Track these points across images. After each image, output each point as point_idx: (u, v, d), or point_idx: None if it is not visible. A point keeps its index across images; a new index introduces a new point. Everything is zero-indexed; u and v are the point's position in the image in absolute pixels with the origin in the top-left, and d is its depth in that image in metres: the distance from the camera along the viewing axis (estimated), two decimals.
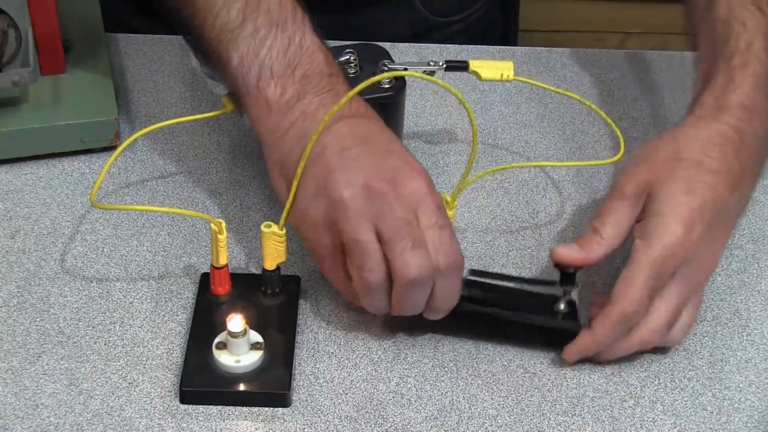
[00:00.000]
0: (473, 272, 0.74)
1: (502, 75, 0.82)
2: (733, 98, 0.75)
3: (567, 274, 0.72)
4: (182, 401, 0.69)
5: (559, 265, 0.72)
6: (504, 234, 0.83)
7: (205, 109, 0.93)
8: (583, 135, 0.93)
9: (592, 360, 0.73)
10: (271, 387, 0.69)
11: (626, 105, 0.96)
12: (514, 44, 1.20)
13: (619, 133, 0.84)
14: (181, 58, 0.99)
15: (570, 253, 0.72)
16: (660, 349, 0.74)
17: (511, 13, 1.21)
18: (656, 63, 1.01)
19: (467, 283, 0.73)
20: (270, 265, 0.74)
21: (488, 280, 0.74)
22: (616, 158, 0.82)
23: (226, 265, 0.74)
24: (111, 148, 0.87)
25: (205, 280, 0.75)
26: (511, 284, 0.75)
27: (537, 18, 1.89)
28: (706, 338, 0.76)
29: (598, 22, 2.01)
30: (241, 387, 0.69)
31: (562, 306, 0.72)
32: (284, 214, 0.72)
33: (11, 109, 0.86)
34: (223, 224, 0.72)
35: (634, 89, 0.98)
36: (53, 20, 0.88)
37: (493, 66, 0.82)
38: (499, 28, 1.19)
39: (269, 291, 0.75)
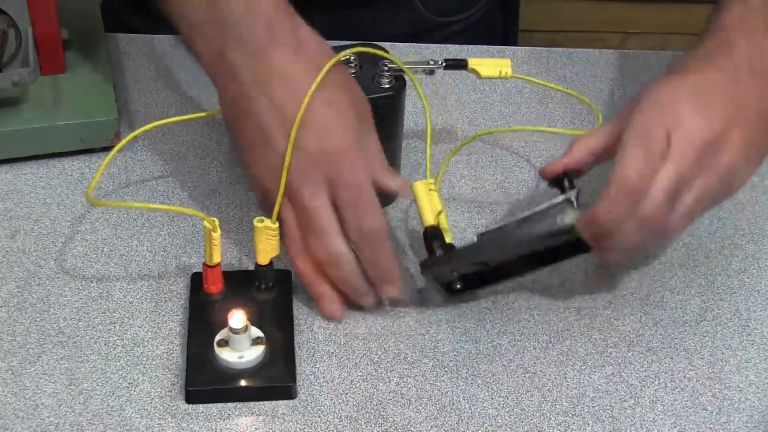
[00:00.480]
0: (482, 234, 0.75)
1: (500, 72, 0.82)
2: (719, 21, 0.76)
3: (561, 182, 0.74)
4: (188, 401, 0.69)
5: (550, 178, 0.75)
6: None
7: (205, 109, 0.93)
8: None
9: (603, 257, 0.74)
10: (276, 380, 0.70)
11: (626, 105, 0.96)
12: (514, 44, 1.20)
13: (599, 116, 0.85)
14: (181, 58, 0.99)
15: (554, 163, 0.74)
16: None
17: (511, 13, 1.21)
18: (656, 63, 1.01)
19: (478, 245, 0.74)
20: (263, 260, 0.74)
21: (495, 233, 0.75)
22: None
23: (219, 264, 0.74)
24: (111, 148, 0.86)
25: (196, 280, 0.75)
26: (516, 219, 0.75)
27: (537, 18, 1.89)
28: (706, 338, 0.76)
29: (598, 22, 2.01)
30: (247, 382, 0.69)
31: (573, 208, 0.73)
32: (276, 207, 0.72)
33: (11, 109, 0.86)
34: (217, 222, 0.72)
35: (634, 89, 0.98)
36: (53, 20, 0.88)
37: (491, 64, 0.82)
38: (500, 28, 1.19)
39: (263, 286, 0.75)
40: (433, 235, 0.74)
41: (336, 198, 0.72)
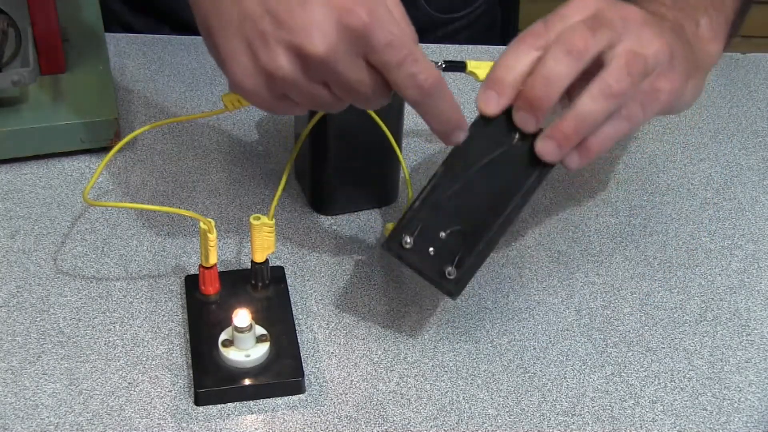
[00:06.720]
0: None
1: None
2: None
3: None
4: (197, 403, 0.69)
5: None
6: (503, 234, 0.83)
7: (205, 109, 0.93)
8: None
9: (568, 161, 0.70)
10: (284, 376, 0.70)
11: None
12: None
13: None
14: (180, 58, 0.99)
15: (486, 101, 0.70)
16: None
17: (511, 12, 1.22)
18: None
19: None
20: (260, 257, 0.74)
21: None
22: None
23: (215, 265, 0.74)
24: (111, 148, 0.87)
25: (190, 282, 0.75)
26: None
27: (537, 17, 1.89)
28: (706, 338, 0.76)
29: None
30: (256, 380, 0.70)
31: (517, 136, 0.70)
32: (274, 202, 0.72)
33: (11, 109, 0.86)
34: (213, 223, 0.72)
35: None
36: (53, 20, 0.88)
37: (489, 67, 0.82)
38: (500, 24, 1.19)
39: (259, 283, 0.75)
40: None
41: (374, 61, 0.63)
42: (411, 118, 0.90)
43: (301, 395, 0.70)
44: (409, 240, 0.69)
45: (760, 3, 2.16)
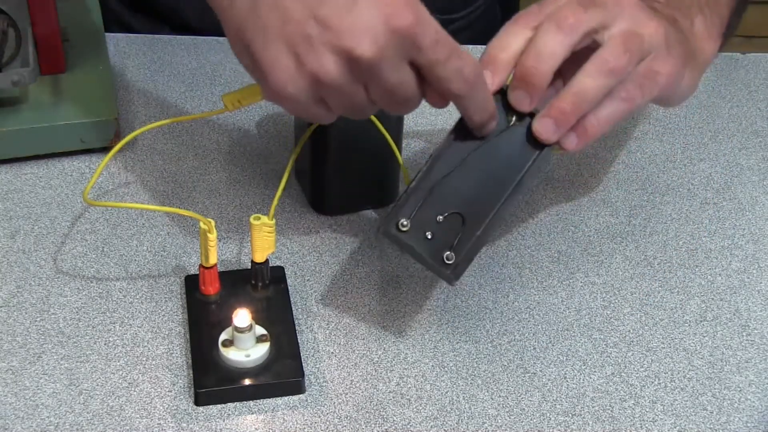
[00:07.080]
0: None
1: None
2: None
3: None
4: (197, 403, 0.69)
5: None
6: (504, 234, 0.83)
7: (205, 109, 0.93)
8: None
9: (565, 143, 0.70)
10: (284, 376, 0.70)
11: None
12: None
13: None
14: (180, 58, 0.99)
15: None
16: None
17: (512, 13, 1.21)
18: None
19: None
20: (260, 257, 0.74)
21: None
22: None
23: (216, 265, 0.74)
24: (111, 148, 0.87)
25: (190, 282, 0.76)
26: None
27: None
28: (706, 338, 0.76)
29: None
30: (256, 380, 0.70)
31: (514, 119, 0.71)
32: (274, 202, 0.72)
33: (11, 109, 0.86)
34: (213, 223, 0.72)
35: None
36: (53, 20, 0.88)
37: None
38: (500, 24, 1.19)
39: (259, 283, 0.75)
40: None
41: (421, 59, 0.63)
42: (411, 119, 0.90)
43: (301, 395, 0.70)
44: (405, 223, 0.69)
45: (759, 3, 2.16)
